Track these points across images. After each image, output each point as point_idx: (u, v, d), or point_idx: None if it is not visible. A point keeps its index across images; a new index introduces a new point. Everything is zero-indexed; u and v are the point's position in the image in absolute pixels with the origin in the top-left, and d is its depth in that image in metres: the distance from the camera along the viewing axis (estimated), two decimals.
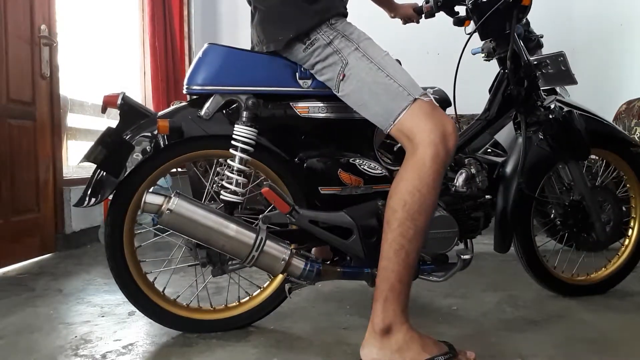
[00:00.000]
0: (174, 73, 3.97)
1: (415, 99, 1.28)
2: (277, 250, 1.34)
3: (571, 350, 1.35)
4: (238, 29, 4.43)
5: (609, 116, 3.36)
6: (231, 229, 1.32)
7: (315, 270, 1.36)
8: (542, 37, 2.58)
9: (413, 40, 1.94)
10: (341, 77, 1.34)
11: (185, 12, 4.28)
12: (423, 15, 1.85)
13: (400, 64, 1.39)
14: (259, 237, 1.32)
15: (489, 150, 1.82)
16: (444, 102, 1.90)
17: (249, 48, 1.53)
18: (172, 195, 1.31)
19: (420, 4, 1.86)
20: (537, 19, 2.24)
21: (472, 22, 1.65)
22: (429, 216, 1.25)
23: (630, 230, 1.89)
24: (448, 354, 1.21)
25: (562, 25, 4.06)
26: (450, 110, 1.95)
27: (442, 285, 1.98)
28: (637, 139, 3.11)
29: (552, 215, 1.77)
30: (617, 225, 1.76)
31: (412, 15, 1.90)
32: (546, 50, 2.60)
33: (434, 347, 1.21)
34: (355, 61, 1.33)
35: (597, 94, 3.82)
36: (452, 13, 1.74)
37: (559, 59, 1.88)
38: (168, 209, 1.29)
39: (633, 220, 1.89)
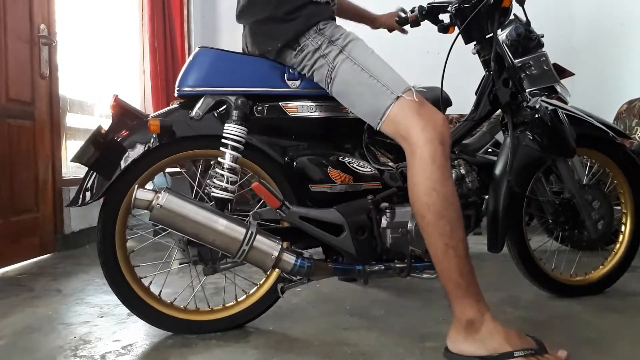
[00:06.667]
0: (174, 73, 3.96)
1: (398, 97, 1.31)
2: (267, 245, 1.35)
3: (572, 351, 1.34)
4: (238, 29, 4.37)
5: (609, 116, 3.35)
6: (221, 223, 1.33)
7: (306, 266, 1.37)
8: (542, 36, 2.58)
9: (413, 40, 1.95)
10: (329, 80, 1.39)
11: (185, 12, 4.27)
12: (408, 25, 1.89)
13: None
14: (249, 232, 1.33)
15: (490, 150, 1.82)
16: (444, 101, 1.90)
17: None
18: (162, 191, 1.32)
19: (397, 10, 1.91)
20: (538, 18, 2.24)
21: (455, 27, 1.68)
22: (456, 202, 1.26)
23: (622, 227, 1.89)
24: (530, 350, 1.20)
25: (563, 25, 4.05)
26: (449, 110, 1.96)
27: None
28: (638, 139, 3.10)
29: (545, 213, 1.78)
30: (608, 222, 1.76)
31: (394, 26, 1.94)
32: (547, 49, 2.60)
33: (517, 340, 1.22)
34: (340, 64, 1.37)
35: (598, 93, 3.81)
36: (436, 21, 1.80)
37: (541, 59, 1.90)
38: (158, 204, 1.30)
39: (624, 216, 1.88)
